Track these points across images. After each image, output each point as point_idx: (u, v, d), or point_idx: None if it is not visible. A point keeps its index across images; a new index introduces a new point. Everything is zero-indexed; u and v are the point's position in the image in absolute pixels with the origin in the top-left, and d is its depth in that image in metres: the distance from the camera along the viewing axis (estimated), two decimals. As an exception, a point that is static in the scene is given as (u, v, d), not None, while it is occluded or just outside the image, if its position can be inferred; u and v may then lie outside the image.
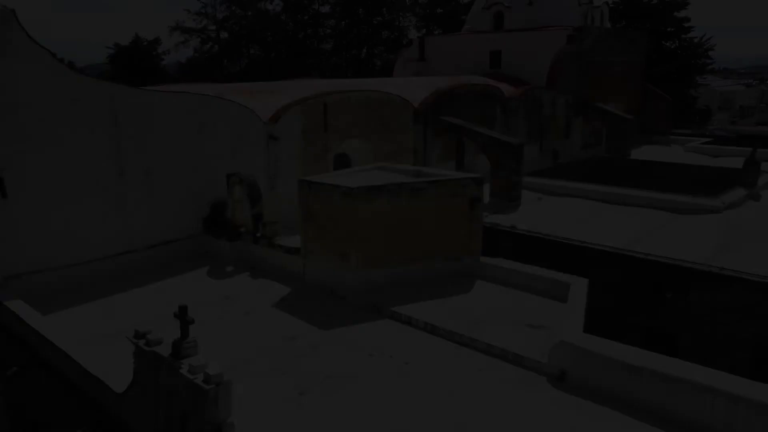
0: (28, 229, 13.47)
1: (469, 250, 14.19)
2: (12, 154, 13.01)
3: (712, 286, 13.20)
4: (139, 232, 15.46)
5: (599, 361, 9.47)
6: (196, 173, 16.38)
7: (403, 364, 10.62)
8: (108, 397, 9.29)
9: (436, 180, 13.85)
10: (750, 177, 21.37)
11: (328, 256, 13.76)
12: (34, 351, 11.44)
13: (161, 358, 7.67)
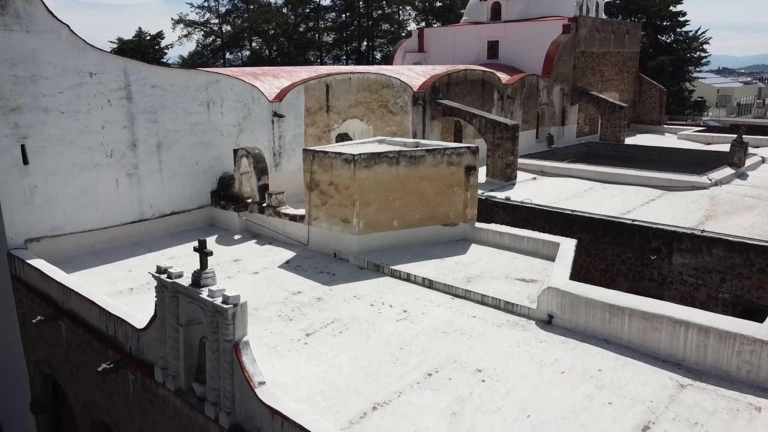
0: (48, 195, 14.22)
1: (465, 216, 14.95)
2: (33, 124, 13.76)
3: (695, 248, 13.96)
4: (151, 202, 16.22)
5: (583, 303, 10.24)
6: (204, 148, 17.14)
7: (402, 311, 11.38)
8: (129, 335, 10.05)
9: (434, 149, 14.60)
10: (737, 157, 22.11)
11: (331, 221, 14.52)
12: (57, 303, 12.20)
13: (182, 288, 8.43)
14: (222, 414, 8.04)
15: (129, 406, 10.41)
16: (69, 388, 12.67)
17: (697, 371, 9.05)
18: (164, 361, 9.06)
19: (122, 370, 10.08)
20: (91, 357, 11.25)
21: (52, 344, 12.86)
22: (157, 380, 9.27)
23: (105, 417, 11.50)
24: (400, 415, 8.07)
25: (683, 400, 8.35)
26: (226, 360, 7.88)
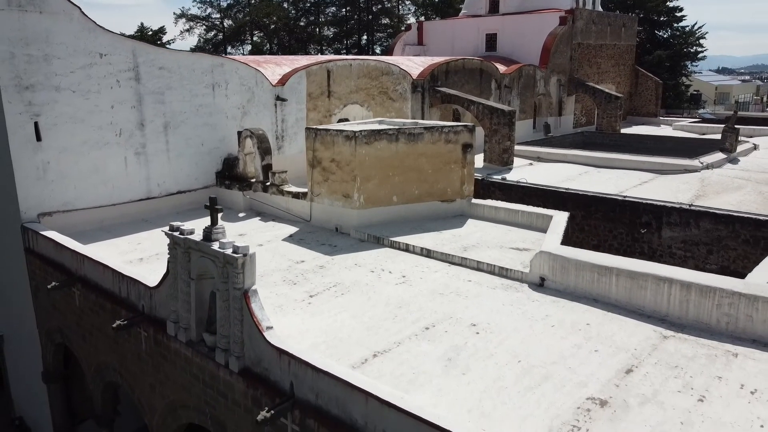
0: (60, 172, 14.75)
1: (462, 192, 15.48)
2: (46, 102, 14.29)
3: (683, 222, 14.50)
4: (159, 181, 16.75)
5: (573, 265, 10.77)
6: (209, 129, 17.67)
7: (401, 276, 11.92)
8: (142, 294, 10.58)
9: (432, 126, 15.13)
10: (728, 142, 22.65)
11: (333, 197, 15.05)
12: (70, 271, 12.73)
13: (194, 243, 8.96)
14: (232, 359, 8.57)
15: (141, 363, 10.93)
16: (81, 354, 13.19)
17: (680, 324, 9.57)
18: (176, 315, 9.59)
19: (135, 328, 10.61)
20: (104, 320, 11.78)
21: (64, 312, 13.39)
22: (169, 334, 9.80)
23: (117, 378, 12.02)
24: (399, 361, 8.59)
25: (665, 348, 8.88)
26: (235, 307, 8.41)
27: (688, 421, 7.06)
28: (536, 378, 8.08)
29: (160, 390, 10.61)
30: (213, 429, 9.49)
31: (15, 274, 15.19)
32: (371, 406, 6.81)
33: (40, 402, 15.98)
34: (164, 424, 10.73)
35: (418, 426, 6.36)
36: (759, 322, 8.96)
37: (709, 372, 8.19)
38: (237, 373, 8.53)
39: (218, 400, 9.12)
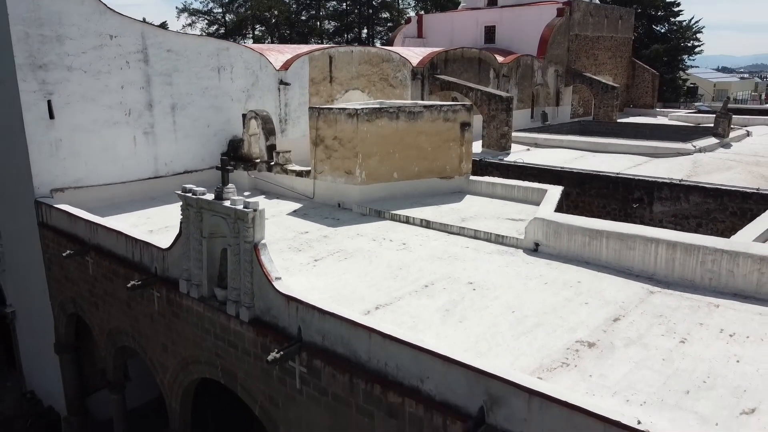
0: (71, 149, 15.25)
1: (461, 169, 16.00)
2: (58, 81, 14.80)
3: (674, 196, 15.02)
4: (166, 160, 17.27)
5: (566, 229, 11.29)
6: (215, 111, 18.19)
7: (401, 244, 12.44)
8: (155, 257, 11.09)
9: (431, 105, 15.65)
10: (721, 127, 23.16)
11: (336, 174, 15.57)
12: (83, 241, 13.25)
13: (206, 203, 9.48)
14: (242, 309, 9.09)
15: (154, 324, 11.45)
16: (94, 322, 13.70)
17: (666, 282, 10.09)
18: (188, 273, 10.11)
19: (148, 289, 11.13)
20: (117, 286, 12.30)
21: (77, 281, 13.90)
22: (181, 292, 10.31)
23: (129, 342, 12.53)
24: (400, 312, 9.12)
25: (651, 301, 9.41)
26: (246, 260, 8.93)
27: (669, 358, 7.58)
28: (529, 325, 8.60)
29: (172, 349, 11.13)
30: (224, 380, 10.01)
31: (28, 249, 15.70)
32: (374, 341, 7.34)
33: (51, 375, 16.50)
34: (176, 382, 11.26)
35: (417, 356, 6.88)
36: (740, 277, 9.49)
37: (691, 320, 8.72)
38: (247, 322, 9.05)
39: (229, 351, 9.64)
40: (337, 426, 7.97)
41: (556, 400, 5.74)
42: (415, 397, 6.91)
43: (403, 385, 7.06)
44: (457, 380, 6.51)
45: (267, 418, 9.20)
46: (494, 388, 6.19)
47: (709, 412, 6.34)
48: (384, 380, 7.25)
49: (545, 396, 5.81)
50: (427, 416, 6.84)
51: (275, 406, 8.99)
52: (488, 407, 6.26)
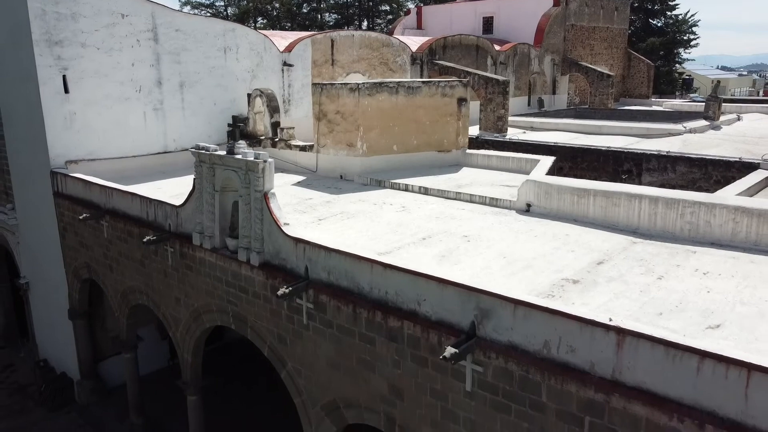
0: (85, 122, 15.93)
1: (458, 143, 16.69)
2: (73, 57, 15.47)
3: (661, 167, 15.72)
4: (174, 136, 17.95)
5: (556, 190, 11.97)
6: (221, 90, 18.86)
7: (401, 207, 13.13)
8: (168, 214, 11.78)
9: (429, 81, 16.33)
10: (711, 110, 23.84)
11: (338, 147, 16.25)
12: (98, 206, 13.93)
13: (218, 158, 10.16)
14: (253, 254, 9.77)
15: (167, 279, 12.14)
16: (108, 284, 14.39)
17: (649, 235, 10.77)
18: (201, 226, 10.80)
19: (162, 245, 11.82)
20: (132, 246, 13.00)
21: (92, 247, 14.59)
22: (194, 244, 11.00)
23: (143, 300, 13.22)
24: (400, 258, 9.75)
25: (634, 249, 10.10)
26: (256, 208, 9.62)
27: (646, 290, 8.27)
28: (518, 267, 9.28)
29: (185, 301, 11.81)
30: (234, 326, 10.71)
31: (43, 220, 16.38)
32: (376, 272, 8.03)
33: (63, 343, 17.18)
34: (188, 333, 11.95)
35: (415, 280, 7.57)
36: (716, 227, 10.17)
37: (669, 262, 9.40)
38: (257, 266, 9.74)
39: (240, 296, 10.33)
40: (341, 355, 8.66)
41: (538, 307, 6.43)
42: (413, 319, 7.60)
43: (401, 310, 7.75)
44: (451, 299, 7.20)
45: (275, 357, 9.90)
46: (484, 302, 6.87)
47: (678, 327, 7.02)
48: (384, 307, 7.94)
49: (529, 304, 6.50)
50: (423, 336, 7.53)
51: (283, 344, 9.68)
52: (478, 321, 6.95)
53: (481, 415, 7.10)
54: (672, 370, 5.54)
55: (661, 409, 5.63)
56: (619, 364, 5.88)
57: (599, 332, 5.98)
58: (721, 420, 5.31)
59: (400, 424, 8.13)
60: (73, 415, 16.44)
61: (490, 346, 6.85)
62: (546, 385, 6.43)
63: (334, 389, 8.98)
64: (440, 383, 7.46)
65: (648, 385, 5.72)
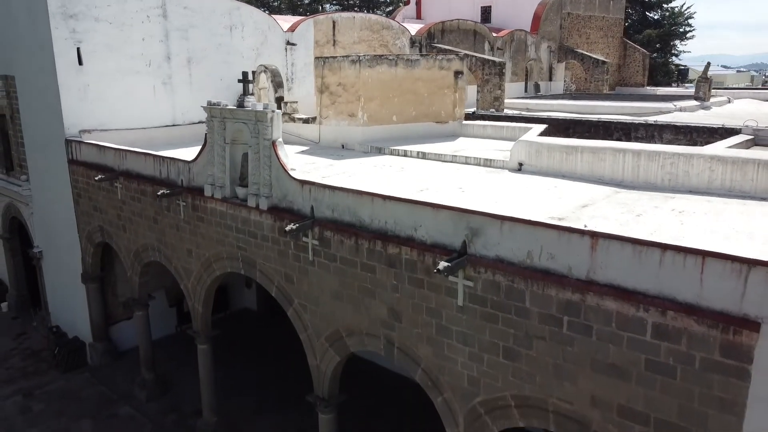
0: (98, 94, 16.64)
1: (454, 115, 17.41)
2: (86, 30, 16.19)
3: (648, 134, 16.43)
4: (182, 110, 18.67)
5: (546, 148, 12.69)
6: (227, 67, 19.57)
7: (400, 168, 13.85)
8: (181, 170, 12.49)
9: (427, 54, 17.04)
10: (702, 91, 24.56)
11: (339, 117, 16.96)
12: (113, 169, 14.65)
13: (229, 111, 10.88)
14: (261, 199, 10.50)
15: (179, 233, 12.86)
16: (121, 244, 15.10)
17: (632, 186, 11.48)
18: (212, 178, 11.52)
19: (175, 200, 12.53)
20: (145, 204, 13.72)
21: (106, 210, 15.30)
22: (206, 196, 11.72)
23: (155, 256, 13.94)
24: (398, 204, 10.51)
25: (617, 197, 10.80)
26: (265, 155, 10.35)
27: (625, 223, 8.96)
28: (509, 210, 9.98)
29: (196, 252, 12.53)
30: (244, 270, 11.42)
31: (57, 188, 17.10)
32: (376, 204, 8.75)
33: (76, 308, 17.91)
34: (199, 283, 12.67)
35: (412, 208, 8.30)
36: (694, 176, 10.88)
37: (649, 204, 10.11)
38: (266, 210, 10.46)
39: (249, 241, 11.05)
40: (344, 285, 9.38)
41: (522, 220, 7.17)
42: (410, 244, 8.33)
43: (399, 237, 8.48)
44: (444, 222, 7.92)
45: (282, 295, 10.62)
46: (474, 221, 7.60)
47: (650, 246, 7.73)
48: (384, 236, 8.66)
49: (514, 219, 7.24)
50: (420, 259, 8.25)
51: (290, 283, 10.40)
52: (469, 240, 7.67)
53: (472, 327, 7.82)
54: (638, 265, 6.26)
55: (630, 301, 6.35)
56: (593, 265, 6.60)
57: (575, 237, 6.71)
58: (680, 305, 6.03)
59: (398, 346, 8.86)
60: (86, 375, 17.15)
61: (480, 262, 7.57)
62: (529, 291, 7.16)
63: (338, 320, 9.70)
64: (435, 302, 8.19)
65: (618, 282, 6.45)
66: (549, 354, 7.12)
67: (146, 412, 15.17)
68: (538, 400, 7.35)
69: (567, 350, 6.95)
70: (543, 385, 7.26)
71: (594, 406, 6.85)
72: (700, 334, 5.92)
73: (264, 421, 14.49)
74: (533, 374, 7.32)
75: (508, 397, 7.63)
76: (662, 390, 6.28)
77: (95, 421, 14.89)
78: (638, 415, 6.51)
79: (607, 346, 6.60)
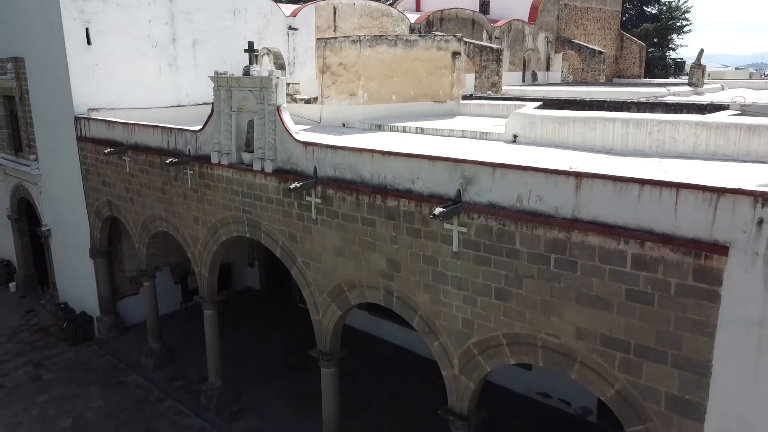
0: (106, 73, 17.13)
1: (452, 94, 17.90)
2: (95, 11, 16.67)
3: (641, 112, 16.89)
4: (187, 91, 19.16)
5: (539, 120, 13.18)
6: (231, 50, 20.00)
7: (399, 141, 14.33)
8: (188, 140, 12.99)
9: (425, 35, 17.54)
10: (695, 77, 25.05)
11: (340, 97, 17.44)
12: (121, 143, 15.15)
13: (235, 80, 11.38)
14: (267, 162, 11.00)
15: (186, 201, 13.35)
16: (129, 217, 15.60)
17: (621, 153, 11.98)
18: (219, 145, 12.02)
19: (182, 169, 13.03)
20: (153, 176, 14.23)
21: (114, 184, 15.80)
22: (213, 163, 12.21)
23: (163, 226, 14.43)
24: (397, 167, 11.00)
25: (606, 162, 11.30)
26: (270, 120, 10.85)
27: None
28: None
29: (203, 219, 13.03)
30: (249, 233, 11.92)
31: (66, 165, 17.60)
32: (376, 160, 9.25)
33: (83, 284, 18.41)
34: (206, 249, 13.17)
35: (409, 162, 8.80)
36: (680, 142, 11.37)
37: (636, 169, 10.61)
38: (271, 173, 10.96)
39: (254, 204, 11.55)
40: (346, 241, 9.88)
41: (512, 166, 7.67)
42: (408, 196, 8.83)
43: (398, 190, 8.98)
44: (440, 173, 8.42)
45: (286, 254, 11.11)
46: (468, 170, 8.10)
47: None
48: (383, 190, 9.16)
49: (505, 165, 7.74)
50: (417, 210, 8.76)
51: (294, 242, 10.90)
52: (463, 188, 8.17)
53: (466, 271, 8.32)
54: (619, 201, 6.76)
55: (611, 235, 6.85)
56: (577, 204, 7.10)
57: (561, 179, 7.21)
58: (657, 235, 6.52)
59: (397, 295, 9.36)
60: (94, 347, 17.65)
61: (473, 209, 8.07)
62: (519, 233, 7.66)
63: (339, 274, 10.20)
64: (431, 249, 8.69)
65: (601, 218, 6.94)
66: (537, 291, 7.62)
67: (153, 379, 15.66)
68: (528, 337, 7.85)
69: (554, 286, 7.44)
70: (532, 321, 7.75)
71: (579, 338, 7.34)
72: (675, 262, 6.42)
73: (267, 387, 14.99)
74: (523, 312, 7.82)
75: (500, 336, 8.13)
76: (641, 317, 6.78)
77: (104, 387, 15.39)
78: (619, 342, 7.00)
79: (591, 279, 7.09)
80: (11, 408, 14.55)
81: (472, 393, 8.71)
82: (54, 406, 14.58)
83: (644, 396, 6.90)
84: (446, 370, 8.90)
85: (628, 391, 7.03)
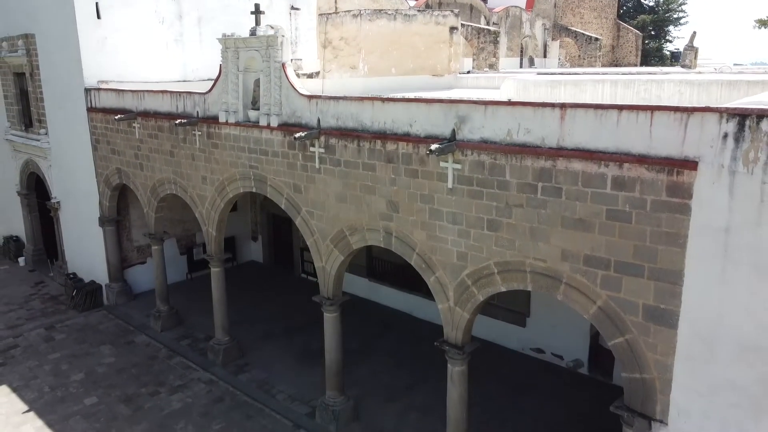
0: (115, 47, 17.70)
1: (450, 68, 18.50)
2: (104, -14, 17.28)
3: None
4: (193, 67, 19.72)
5: (532, 83, 13.78)
6: (235, 27, 20.38)
7: (398, 107, 14.94)
8: (196, 102, 13.58)
9: (424, 9, 18.14)
10: (688, 59, 25.62)
11: (341, 70, 18.05)
12: (130, 111, 15.74)
13: (242, 41, 11.96)
14: (272, 117, 11.58)
15: (194, 162, 13.94)
16: (138, 182, 16.18)
17: (610, 112, 12.59)
18: (226, 105, 12.60)
19: (190, 131, 13.62)
20: (162, 140, 14.82)
21: (123, 151, 16.38)
22: (220, 122, 12.80)
23: (171, 188, 15.02)
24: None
25: (595, 118, 11.91)
26: (275, 77, 11.43)
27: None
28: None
29: (210, 179, 13.62)
30: (255, 188, 12.51)
31: (76, 136, 18.18)
32: (376, 107, 9.84)
33: (91, 254, 18.99)
34: (213, 208, 13.76)
35: (407, 107, 9.39)
36: (665, 99, 11.97)
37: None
38: (276, 127, 11.54)
39: (260, 159, 12.14)
40: (347, 187, 10.47)
41: (503, 102, 8.26)
42: (406, 139, 9.41)
43: (397, 134, 9.56)
44: (436, 115, 9.01)
45: (291, 205, 11.70)
46: (462, 110, 8.69)
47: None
48: (383, 135, 9.75)
49: (495, 102, 8.33)
50: (414, 151, 9.35)
51: (298, 192, 11.49)
52: (458, 127, 8.76)
53: (460, 205, 8.91)
54: (600, 127, 7.35)
55: (592, 159, 7.44)
56: (562, 133, 7.69)
57: (548, 111, 7.79)
58: (634, 156, 7.11)
59: (396, 235, 9.95)
60: (103, 312, 18.24)
61: (467, 146, 8.66)
62: (509, 165, 8.25)
63: (342, 220, 10.79)
64: (428, 188, 9.28)
65: (583, 145, 7.53)
66: (526, 219, 8.21)
67: (161, 339, 16.25)
68: (517, 263, 8.44)
69: (541, 213, 8.03)
70: (521, 248, 8.34)
71: (564, 259, 7.93)
72: (650, 180, 7.01)
73: (271, 344, 15.59)
74: (513, 240, 8.41)
75: (492, 265, 8.72)
76: (620, 235, 7.37)
77: (114, 346, 15.97)
78: (601, 261, 7.59)
79: (575, 203, 7.68)
80: (26, 364, 15.14)
81: (467, 323, 9.29)
82: (66, 363, 15.17)
83: (624, 309, 7.49)
84: (442, 303, 9.48)
85: (609, 306, 7.62)
